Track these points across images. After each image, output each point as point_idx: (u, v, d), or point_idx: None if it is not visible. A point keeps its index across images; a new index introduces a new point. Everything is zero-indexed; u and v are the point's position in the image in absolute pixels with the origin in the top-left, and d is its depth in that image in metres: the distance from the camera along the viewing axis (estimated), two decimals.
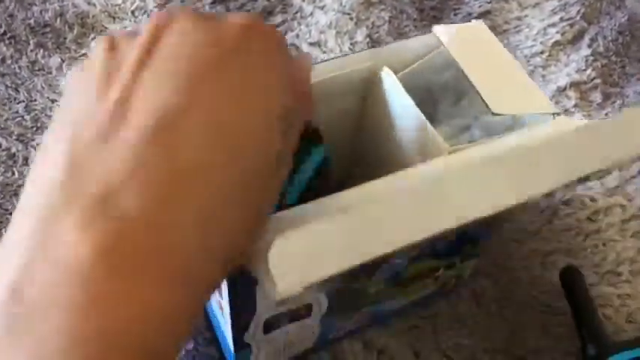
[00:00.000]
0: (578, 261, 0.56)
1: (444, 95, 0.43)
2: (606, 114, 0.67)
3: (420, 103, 0.42)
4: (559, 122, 0.37)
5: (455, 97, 0.42)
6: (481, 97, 0.36)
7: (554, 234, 0.58)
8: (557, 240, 0.58)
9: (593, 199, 0.60)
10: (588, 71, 0.70)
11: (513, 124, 0.39)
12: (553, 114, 0.38)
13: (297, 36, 0.72)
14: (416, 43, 0.42)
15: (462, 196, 0.29)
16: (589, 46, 0.73)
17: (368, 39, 0.72)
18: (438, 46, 0.41)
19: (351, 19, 0.73)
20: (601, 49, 0.73)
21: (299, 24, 0.73)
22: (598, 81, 0.70)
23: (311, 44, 0.71)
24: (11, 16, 0.71)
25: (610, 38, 0.74)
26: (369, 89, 0.42)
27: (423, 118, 0.37)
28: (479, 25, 0.42)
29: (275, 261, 0.26)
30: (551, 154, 0.32)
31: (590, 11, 0.77)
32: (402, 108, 0.39)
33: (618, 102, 0.69)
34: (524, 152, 0.31)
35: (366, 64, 0.41)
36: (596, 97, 0.69)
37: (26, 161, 0.59)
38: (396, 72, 0.41)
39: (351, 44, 0.71)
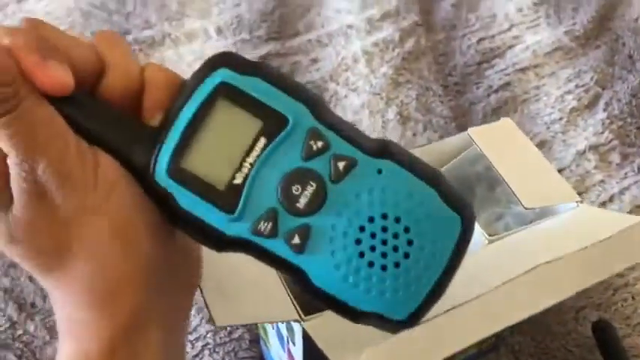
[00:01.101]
0: (609, 314, 0.62)
1: (479, 184, 0.49)
2: (625, 174, 0.73)
3: None
4: (582, 210, 0.44)
5: (489, 185, 0.49)
6: (513, 193, 0.42)
7: (585, 290, 0.63)
8: (588, 295, 0.63)
9: None
10: (605, 134, 0.77)
11: (542, 211, 0.46)
12: (577, 202, 0.44)
13: None
14: (453, 142, 0.49)
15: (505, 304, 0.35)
16: (604, 110, 0.79)
17: (398, 116, 0.79)
18: (471, 143, 0.48)
19: (382, 98, 0.81)
20: (616, 112, 0.79)
21: (335, 106, 0.81)
22: (615, 142, 0.76)
23: None
24: None
25: (624, 101, 0.81)
26: None
27: None
28: (507, 123, 0.48)
29: None
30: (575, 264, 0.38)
31: (602, 77, 0.83)
32: None
33: (637, 161, 0.75)
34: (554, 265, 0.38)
35: None
36: (615, 158, 0.75)
37: None
38: (437, 167, 0.48)
39: (383, 122, 0.78)
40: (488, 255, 0.40)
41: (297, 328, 0.39)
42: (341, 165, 0.27)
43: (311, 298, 0.28)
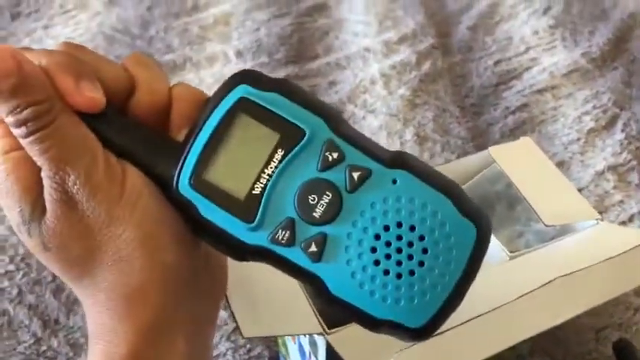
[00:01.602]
0: (630, 334, 0.61)
1: (499, 202, 0.50)
2: None
3: None
4: (602, 227, 0.44)
5: (509, 203, 0.49)
6: (534, 211, 0.43)
7: (605, 309, 0.63)
8: (609, 315, 0.63)
9: None
10: (624, 154, 0.77)
11: (562, 229, 0.46)
12: (596, 220, 0.44)
13: None
14: (472, 160, 0.49)
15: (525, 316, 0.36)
16: (622, 130, 0.80)
17: (416, 137, 0.80)
18: (492, 161, 0.49)
19: (399, 120, 0.82)
20: (634, 132, 0.80)
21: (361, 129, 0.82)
22: (634, 163, 0.76)
23: None
24: None
25: None
26: None
27: None
28: (527, 142, 0.49)
29: None
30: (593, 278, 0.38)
31: (620, 98, 0.84)
32: None
33: None
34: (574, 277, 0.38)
35: None
36: (634, 178, 0.75)
37: None
38: None
39: (401, 143, 0.79)
40: (509, 270, 0.41)
41: (320, 342, 0.39)
42: (356, 175, 0.28)
43: (331, 308, 0.29)
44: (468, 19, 0.97)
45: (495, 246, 0.43)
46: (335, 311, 0.29)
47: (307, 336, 0.42)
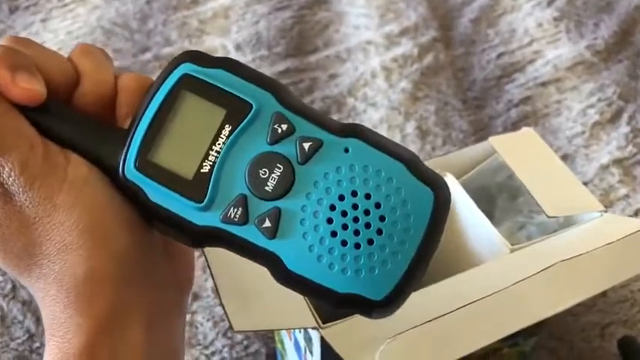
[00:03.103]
0: (636, 331, 0.60)
1: (501, 194, 0.48)
2: None
3: (479, 202, 0.48)
4: (606, 219, 0.43)
5: (511, 194, 0.48)
6: (536, 202, 0.41)
7: (610, 306, 0.62)
8: (614, 312, 0.61)
9: None
10: (629, 148, 0.75)
11: (565, 221, 0.45)
12: (601, 212, 0.43)
13: None
14: (474, 151, 0.48)
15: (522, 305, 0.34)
16: (628, 123, 0.78)
17: (417, 130, 0.78)
18: (493, 152, 0.47)
19: (400, 113, 0.80)
20: (639, 125, 0.78)
21: (354, 121, 0.80)
22: (639, 157, 0.75)
23: None
24: None
25: None
26: None
27: (487, 220, 0.43)
28: (529, 132, 0.48)
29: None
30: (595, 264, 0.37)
31: (626, 90, 0.82)
32: (467, 211, 0.45)
33: None
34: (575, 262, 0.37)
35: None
36: (639, 172, 0.73)
37: None
38: (458, 177, 0.47)
39: (402, 136, 0.78)
40: (509, 263, 0.39)
41: (315, 336, 0.38)
42: (307, 146, 0.27)
43: (290, 287, 0.28)
44: (470, 11, 0.96)
45: (496, 239, 0.42)
46: (295, 290, 0.28)
47: (302, 331, 0.41)
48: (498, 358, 0.55)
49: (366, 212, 0.26)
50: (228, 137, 0.27)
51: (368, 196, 0.26)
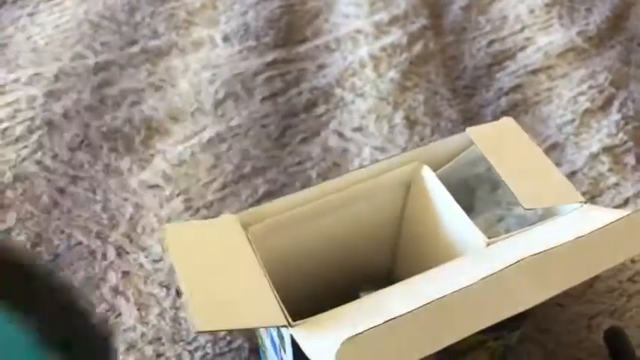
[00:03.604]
0: (624, 322, 0.59)
1: (481, 185, 0.47)
2: None
3: (458, 194, 0.47)
4: (586, 210, 0.42)
5: (490, 186, 0.47)
6: (512, 194, 0.41)
7: (598, 296, 0.61)
8: (601, 302, 0.61)
9: (633, 261, 0.63)
10: (620, 135, 0.74)
11: (545, 213, 0.44)
12: (581, 203, 0.42)
13: (340, 123, 0.78)
14: (452, 142, 0.47)
15: (498, 296, 0.33)
16: (619, 110, 0.77)
17: (405, 120, 0.77)
18: (472, 143, 0.46)
19: (389, 103, 0.79)
20: (631, 112, 0.77)
21: (341, 112, 0.79)
22: (630, 144, 0.74)
23: (353, 130, 0.77)
24: (87, 125, 0.79)
25: (639, 101, 0.78)
26: (412, 186, 0.47)
27: (463, 213, 0.42)
28: (508, 122, 0.47)
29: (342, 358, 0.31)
30: (575, 253, 0.36)
31: (617, 77, 0.81)
32: (443, 203, 0.44)
33: None
34: (552, 254, 0.36)
35: (410, 165, 0.46)
36: (630, 159, 0.72)
37: (104, 256, 0.66)
38: (435, 169, 0.46)
39: (390, 127, 0.77)
40: (485, 257, 0.38)
41: (286, 334, 0.37)
42: None
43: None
44: None
45: (472, 232, 0.41)
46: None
47: (276, 329, 0.40)
48: (483, 351, 0.54)
49: None
50: None
51: None
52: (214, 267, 0.36)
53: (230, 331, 0.58)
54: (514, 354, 0.57)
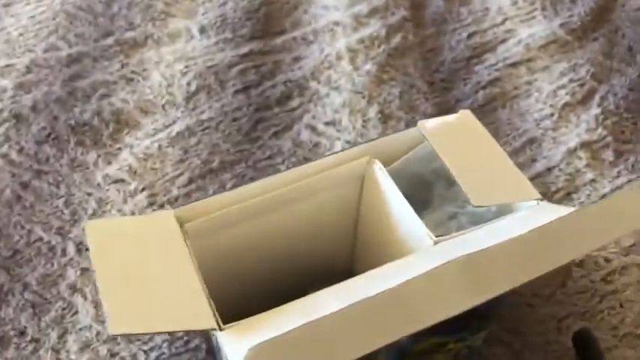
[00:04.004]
0: (595, 324, 0.57)
1: (438, 181, 0.46)
2: (618, 172, 0.68)
3: (415, 189, 0.45)
4: (542, 208, 0.40)
5: (447, 182, 0.45)
6: (463, 190, 0.39)
7: (569, 297, 0.59)
8: (572, 303, 0.59)
9: (607, 260, 0.61)
10: (599, 130, 0.72)
11: (500, 211, 0.42)
12: (537, 200, 0.40)
13: (314, 117, 0.76)
14: (406, 136, 0.45)
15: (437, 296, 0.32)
16: (599, 105, 0.75)
17: (380, 115, 0.75)
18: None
19: (364, 97, 0.77)
20: (612, 107, 0.75)
21: (315, 105, 0.77)
22: (609, 139, 0.71)
23: (326, 124, 0.75)
24: (55, 118, 0.77)
25: (620, 95, 0.76)
26: (365, 181, 0.45)
27: (412, 210, 0.40)
28: (465, 116, 0.45)
29: None
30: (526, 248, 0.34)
31: (599, 70, 0.79)
32: (394, 200, 0.42)
33: (631, 159, 0.70)
34: (507, 245, 0.34)
35: (361, 159, 0.44)
36: (608, 155, 0.70)
37: (64, 252, 0.64)
38: (388, 163, 0.44)
39: (364, 121, 0.75)
40: (431, 255, 0.37)
41: (218, 338, 0.36)
42: None
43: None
44: None
45: (420, 230, 0.39)
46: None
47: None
48: (445, 353, 0.52)
49: None
50: None
51: None
52: (140, 266, 0.35)
53: (154, 334, 0.56)
54: (479, 356, 0.55)
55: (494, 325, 0.56)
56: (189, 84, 0.81)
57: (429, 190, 0.45)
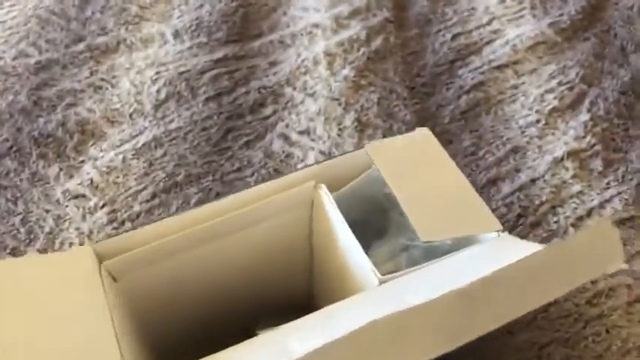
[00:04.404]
0: (579, 352, 0.53)
1: (393, 206, 0.42)
2: (607, 183, 0.64)
3: (371, 215, 0.41)
4: (501, 241, 0.36)
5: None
6: (410, 223, 0.35)
7: (551, 322, 0.55)
8: (554, 329, 0.55)
9: (593, 281, 0.57)
10: (588, 138, 0.68)
11: (457, 243, 0.38)
12: (498, 232, 0.36)
13: (287, 125, 0.72)
14: (357, 157, 0.41)
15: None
16: (589, 110, 0.70)
17: (356, 123, 0.71)
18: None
19: (340, 104, 0.73)
20: (601, 112, 0.70)
21: (289, 113, 0.74)
22: (598, 147, 0.67)
23: (300, 133, 0.71)
24: (18, 129, 0.74)
25: (612, 99, 0.71)
26: (314, 208, 0.42)
27: (357, 244, 0.36)
28: (423, 135, 0.41)
29: None
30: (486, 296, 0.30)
31: (590, 72, 0.74)
32: (340, 230, 0.38)
33: (622, 169, 0.66)
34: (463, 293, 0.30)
35: (308, 183, 0.41)
36: (597, 165, 0.66)
37: None
38: (337, 188, 0.40)
39: (339, 130, 0.71)
40: (373, 298, 0.33)
41: None
42: None
43: None
44: None
45: (366, 266, 0.35)
46: None
47: None
48: None
49: None
50: None
51: None
52: (45, 314, 0.31)
53: None
54: None
55: (468, 355, 0.52)
56: (158, 91, 0.77)
57: (385, 216, 0.41)
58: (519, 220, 0.61)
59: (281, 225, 0.42)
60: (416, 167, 0.38)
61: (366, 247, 0.38)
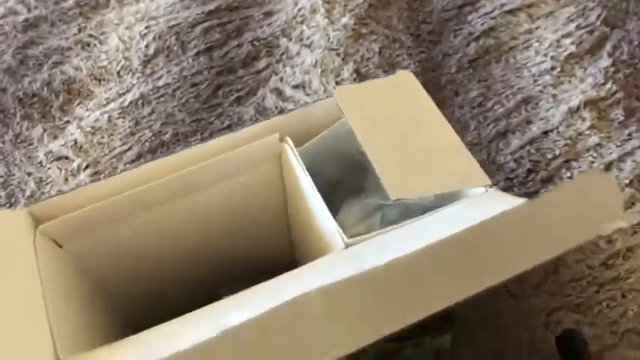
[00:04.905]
0: (590, 318, 0.48)
1: (367, 163, 0.37)
2: (629, 134, 0.58)
3: (347, 172, 0.37)
4: (489, 197, 0.31)
5: None
6: (380, 179, 0.30)
7: (561, 286, 0.50)
8: (565, 293, 0.50)
9: (609, 240, 0.52)
10: (608, 85, 0.62)
11: (440, 199, 0.33)
12: (485, 187, 0.31)
13: (281, 79, 0.68)
14: (329, 106, 0.36)
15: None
16: (610, 55, 0.64)
17: (355, 74, 0.66)
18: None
19: (338, 54, 0.68)
20: (625, 56, 0.64)
21: (284, 66, 0.69)
22: (620, 95, 0.61)
23: (294, 87, 0.67)
24: (3, 90, 0.71)
25: (636, 42, 0.65)
26: (282, 163, 0.37)
27: (323, 204, 0.32)
28: (403, 78, 0.36)
29: None
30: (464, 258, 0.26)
31: (613, 13, 0.68)
32: (306, 187, 0.34)
33: None
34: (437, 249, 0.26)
35: (273, 136, 0.36)
36: (618, 114, 0.60)
37: None
38: (305, 141, 0.36)
39: (336, 83, 0.66)
40: (341, 261, 0.29)
41: None
42: None
43: None
44: None
45: (332, 228, 0.31)
46: None
47: None
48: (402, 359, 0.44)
49: None
50: None
51: None
52: None
53: None
54: (451, 359, 0.47)
55: (471, 318, 0.48)
56: (147, 47, 0.73)
57: (364, 172, 0.37)
58: (529, 176, 0.56)
59: (251, 182, 0.38)
60: (393, 116, 0.34)
61: (338, 207, 0.34)
